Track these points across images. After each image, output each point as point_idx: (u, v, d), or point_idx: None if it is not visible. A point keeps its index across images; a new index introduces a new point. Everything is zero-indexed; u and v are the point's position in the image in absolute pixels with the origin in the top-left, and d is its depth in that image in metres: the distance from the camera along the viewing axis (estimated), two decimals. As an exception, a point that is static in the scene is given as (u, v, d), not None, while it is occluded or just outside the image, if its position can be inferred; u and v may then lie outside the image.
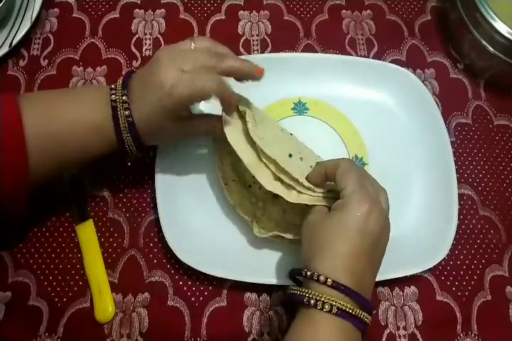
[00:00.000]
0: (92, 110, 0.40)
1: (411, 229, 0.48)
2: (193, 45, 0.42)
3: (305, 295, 0.35)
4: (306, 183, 0.41)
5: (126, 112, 0.39)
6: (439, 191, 0.49)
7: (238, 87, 0.53)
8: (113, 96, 0.40)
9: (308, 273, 0.36)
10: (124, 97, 0.39)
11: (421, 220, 0.48)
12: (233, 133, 0.42)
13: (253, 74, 0.42)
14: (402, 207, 0.49)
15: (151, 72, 0.40)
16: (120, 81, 0.41)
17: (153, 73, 0.39)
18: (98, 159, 0.42)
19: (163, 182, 0.47)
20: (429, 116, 0.52)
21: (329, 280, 0.34)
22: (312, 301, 0.34)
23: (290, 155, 0.42)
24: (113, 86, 0.40)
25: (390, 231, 0.39)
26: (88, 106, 0.40)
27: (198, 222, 0.47)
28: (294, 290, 0.36)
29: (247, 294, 0.46)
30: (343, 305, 0.34)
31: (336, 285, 0.34)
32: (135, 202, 0.49)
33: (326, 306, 0.34)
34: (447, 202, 0.48)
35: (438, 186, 0.49)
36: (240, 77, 0.42)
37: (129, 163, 0.50)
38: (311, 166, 0.43)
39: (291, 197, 0.41)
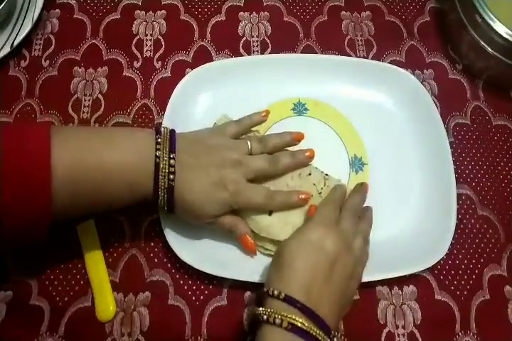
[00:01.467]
0: (129, 158, 0.38)
1: (410, 229, 0.48)
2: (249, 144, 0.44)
3: (260, 312, 0.35)
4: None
5: (171, 176, 0.38)
6: (437, 191, 0.49)
7: (238, 87, 0.54)
8: (158, 152, 0.38)
9: (265, 289, 0.37)
10: (171, 161, 0.38)
11: (419, 220, 0.49)
12: None
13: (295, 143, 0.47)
14: (401, 207, 0.50)
15: (213, 154, 0.42)
16: (167, 137, 0.39)
17: (216, 162, 0.41)
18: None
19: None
20: (428, 116, 0.52)
21: (282, 294, 0.35)
22: (265, 316, 0.35)
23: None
24: (158, 140, 0.39)
25: (358, 280, 0.41)
26: (126, 156, 0.38)
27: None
28: (255, 309, 0.37)
29: (248, 293, 0.46)
30: (295, 319, 0.34)
31: (288, 299, 0.35)
32: (136, 201, 0.50)
33: (277, 320, 0.34)
34: (446, 202, 0.48)
35: (437, 186, 0.49)
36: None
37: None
38: (314, 184, 0.46)
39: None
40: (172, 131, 0.41)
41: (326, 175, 0.47)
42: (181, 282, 0.47)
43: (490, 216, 0.51)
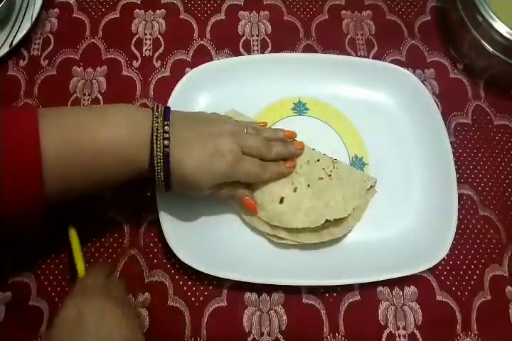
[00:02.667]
0: (123, 134, 0.37)
1: (410, 229, 0.48)
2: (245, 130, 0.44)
3: None
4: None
5: (165, 142, 0.38)
6: (438, 191, 0.49)
7: (238, 87, 0.54)
8: (155, 124, 0.38)
9: None
10: (166, 128, 0.38)
11: (421, 220, 0.48)
12: None
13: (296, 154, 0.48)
14: (402, 207, 0.49)
15: (209, 125, 0.42)
16: (161, 110, 0.39)
17: (212, 132, 0.41)
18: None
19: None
20: (429, 116, 0.52)
21: None
22: None
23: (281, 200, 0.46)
24: (155, 113, 0.39)
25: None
26: (120, 131, 0.37)
27: (198, 222, 0.47)
28: None
29: (247, 294, 0.46)
30: None
31: None
32: (135, 202, 0.50)
33: None
34: (447, 202, 0.48)
35: (438, 186, 0.49)
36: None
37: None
38: (323, 168, 0.47)
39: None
40: (167, 107, 0.41)
41: (335, 159, 0.48)
42: (181, 283, 0.46)
43: (491, 216, 0.51)
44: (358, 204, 0.46)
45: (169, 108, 0.41)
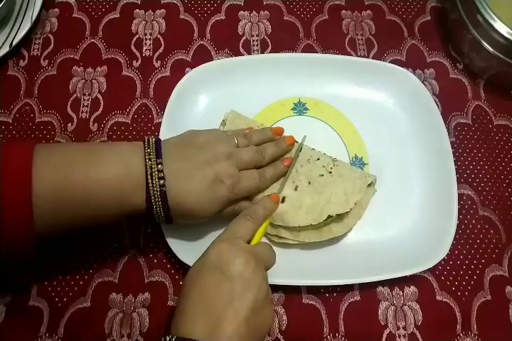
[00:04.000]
0: (116, 173, 0.37)
1: (411, 229, 0.48)
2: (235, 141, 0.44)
3: None
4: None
5: (161, 182, 0.37)
6: (438, 191, 0.49)
7: (238, 87, 0.54)
8: (148, 161, 0.38)
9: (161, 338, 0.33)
10: (159, 166, 0.38)
11: (421, 220, 0.48)
12: None
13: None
14: (402, 207, 0.49)
15: (202, 151, 0.41)
16: (153, 146, 0.39)
17: (208, 159, 0.40)
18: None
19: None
20: (429, 116, 0.52)
21: (173, 338, 0.31)
22: None
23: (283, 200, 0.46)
24: (147, 150, 0.38)
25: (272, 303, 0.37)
26: (113, 170, 0.37)
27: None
28: None
29: (247, 294, 0.46)
30: None
31: None
32: (135, 202, 0.50)
33: None
34: (447, 202, 0.48)
35: (438, 186, 0.49)
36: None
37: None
38: (323, 166, 0.47)
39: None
40: (157, 140, 0.41)
41: (335, 158, 0.49)
42: (181, 283, 0.46)
43: (491, 216, 0.51)
44: (359, 199, 0.46)
45: (160, 141, 0.40)
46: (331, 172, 0.47)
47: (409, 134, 0.53)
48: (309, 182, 0.47)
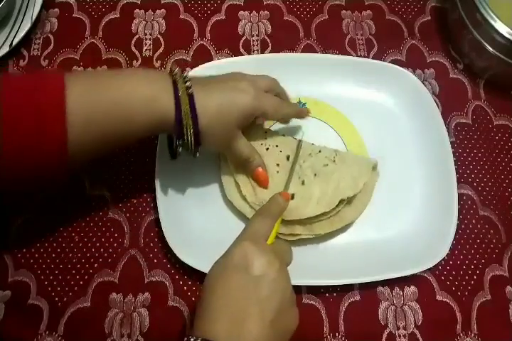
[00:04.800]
0: (146, 82, 0.38)
1: (411, 229, 0.48)
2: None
3: None
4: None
5: (188, 83, 0.38)
6: (439, 191, 0.49)
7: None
8: (174, 76, 0.39)
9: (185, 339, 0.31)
10: (184, 73, 0.39)
11: (421, 220, 0.48)
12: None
13: (301, 117, 0.49)
14: (402, 207, 0.49)
15: (231, 79, 0.42)
16: (179, 70, 0.40)
17: (235, 79, 0.42)
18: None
19: (163, 182, 0.47)
20: (429, 116, 0.52)
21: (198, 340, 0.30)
22: None
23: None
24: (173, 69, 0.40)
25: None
26: (141, 79, 0.38)
27: (198, 222, 0.47)
28: None
29: (247, 294, 0.46)
30: None
31: None
32: (135, 202, 0.50)
33: None
34: (447, 202, 0.48)
35: (438, 186, 0.49)
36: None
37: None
38: (326, 156, 0.48)
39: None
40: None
41: (336, 149, 0.49)
42: (181, 283, 0.46)
43: (491, 216, 0.51)
44: (366, 181, 0.47)
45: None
46: (334, 161, 0.48)
47: (409, 134, 0.53)
48: (315, 174, 0.47)
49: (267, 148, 0.48)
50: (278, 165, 0.48)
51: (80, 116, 0.35)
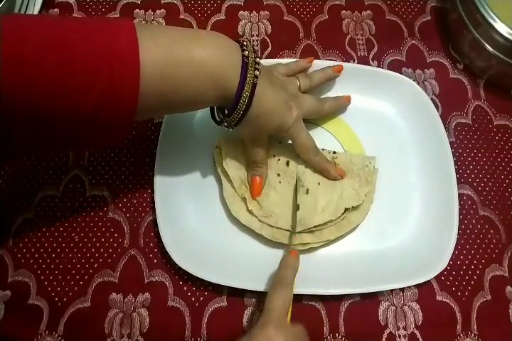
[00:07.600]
0: (218, 57, 0.37)
1: (412, 236, 0.48)
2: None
3: None
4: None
5: (256, 72, 0.38)
6: (439, 191, 0.49)
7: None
8: (245, 52, 0.39)
9: None
10: (257, 59, 0.39)
11: (421, 221, 0.48)
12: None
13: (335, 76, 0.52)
14: (402, 207, 0.49)
15: (288, 91, 0.45)
16: (251, 46, 0.40)
17: (291, 94, 0.45)
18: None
19: (162, 185, 0.47)
20: (429, 117, 0.51)
21: None
22: None
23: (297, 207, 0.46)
24: (244, 42, 0.40)
25: None
26: (214, 52, 0.37)
27: (196, 226, 0.47)
28: None
29: (248, 294, 0.46)
30: None
31: None
32: (135, 202, 0.50)
33: None
34: (447, 203, 0.48)
35: (438, 186, 0.49)
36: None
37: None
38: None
39: None
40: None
41: (334, 152, 0.50)
42: (181, 283, 0.46)
43: (491, 216, 0.51)
44: (368, 190, 0.48)
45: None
46: (335, 163, 0.48)
47: (409, 140, 0.52)
48: (318, 183, 0.47)
49: None
50: (279, 175, 0.48)
51: (152, 87, 0.35)
